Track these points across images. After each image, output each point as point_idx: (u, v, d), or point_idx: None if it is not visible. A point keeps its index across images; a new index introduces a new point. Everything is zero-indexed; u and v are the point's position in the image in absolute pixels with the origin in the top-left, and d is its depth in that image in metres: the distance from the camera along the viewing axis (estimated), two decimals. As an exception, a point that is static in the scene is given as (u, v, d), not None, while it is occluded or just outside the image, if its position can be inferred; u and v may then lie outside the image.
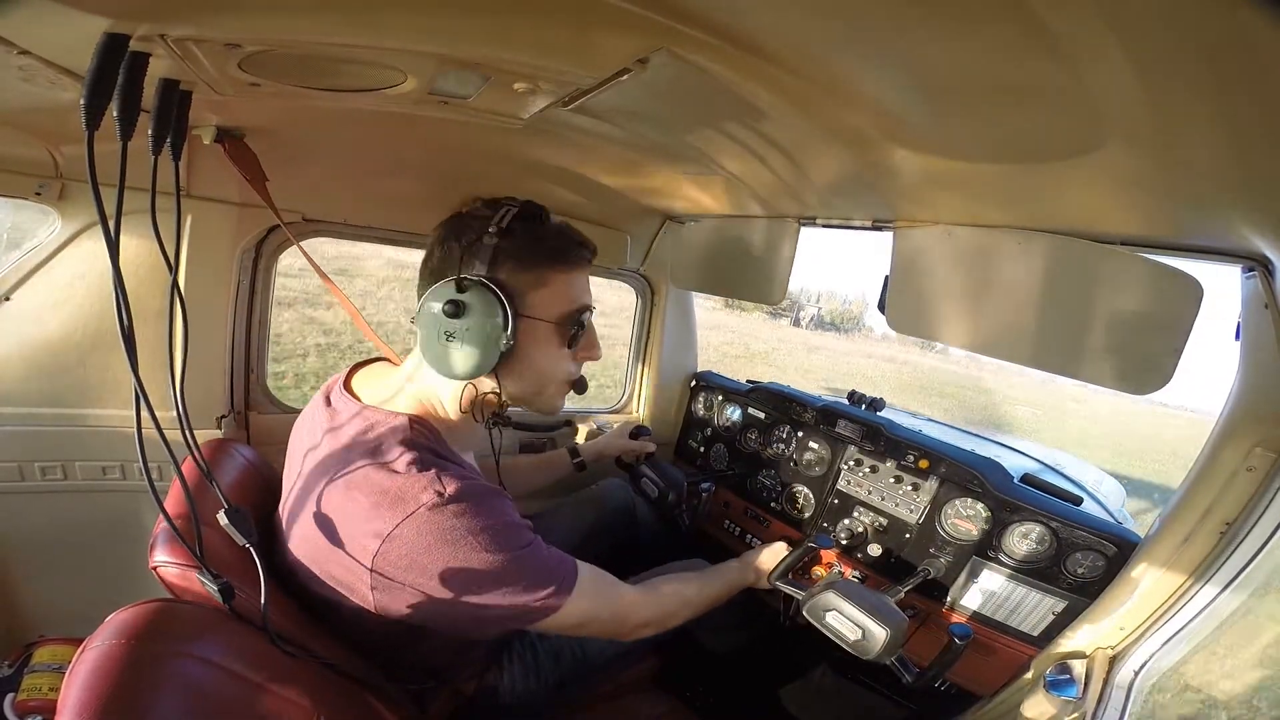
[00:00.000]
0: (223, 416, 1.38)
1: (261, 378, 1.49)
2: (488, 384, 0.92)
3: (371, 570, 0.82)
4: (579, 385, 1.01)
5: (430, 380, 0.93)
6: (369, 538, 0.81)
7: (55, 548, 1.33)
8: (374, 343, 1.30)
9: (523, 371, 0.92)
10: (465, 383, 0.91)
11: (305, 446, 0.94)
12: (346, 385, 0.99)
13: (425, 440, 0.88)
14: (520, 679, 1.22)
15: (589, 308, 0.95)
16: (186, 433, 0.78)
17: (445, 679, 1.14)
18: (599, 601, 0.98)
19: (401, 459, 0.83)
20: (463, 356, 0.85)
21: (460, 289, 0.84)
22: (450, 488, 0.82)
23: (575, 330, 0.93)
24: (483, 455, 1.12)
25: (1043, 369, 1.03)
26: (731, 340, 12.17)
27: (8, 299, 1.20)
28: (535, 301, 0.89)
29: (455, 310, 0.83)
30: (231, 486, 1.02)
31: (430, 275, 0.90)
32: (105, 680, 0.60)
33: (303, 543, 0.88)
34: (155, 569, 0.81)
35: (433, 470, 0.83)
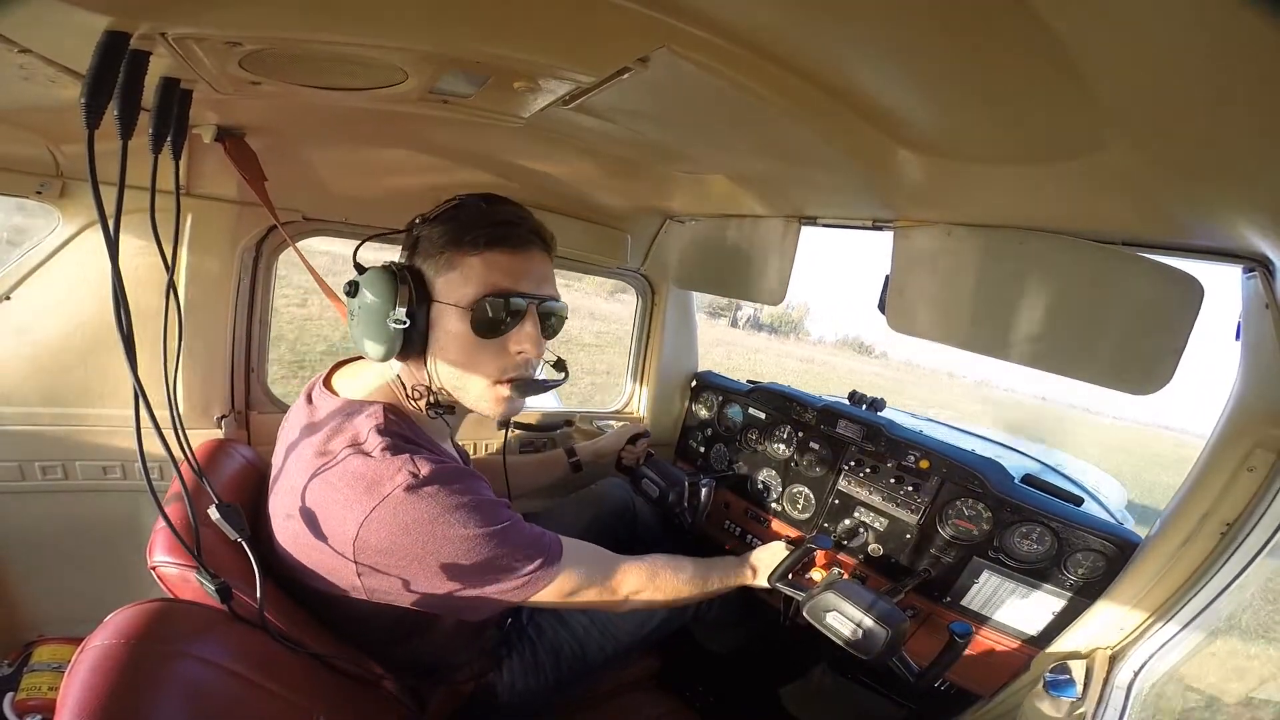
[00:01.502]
0: (223, 416, 1.38)
1: (262, 377, 1.49)
2: (420, 372, 0.93)
3: (355, 556, 0.83)
4: (523, 386, 0.92)
5: (393, 369, 0.95)
6: (348, 524, 0.82)
7: (55, 547, 1.33)
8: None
9: (443, 361, 0.91)
10: (401, 367, 0.93)
11: (287, 443, 0.95)
12: (326, 383, 1.00)
13: (398, 427, 0.90)
14: (520, 677, 1.22)
15: (511, 293, 0.86)
16: (180, 433, 0.78)
17: (444, 676, 1.14)
18: (589, 568, 1.00)
19: (376, 445, 0.85)
20: (361, 334, 0.88)
21: (360, 271, 0.88)
22: (424, 469, 0.83)
23: (494, 318, 0.87)
24: (493, 451, 1.12)
25: (1043, 369, 1.03)
26: (613, 329, 11.65)
27: (8, 298, 1.20)
28: (443, 286, 0.87)
29: (350, 290, 0.88)
30: (230, 486, 1.02)
31: None
32: (105, 679, 0.60)
33: (289, 537, 0.89)
34: (154, 569, 0.81)
35: (406, 454, 0.84)
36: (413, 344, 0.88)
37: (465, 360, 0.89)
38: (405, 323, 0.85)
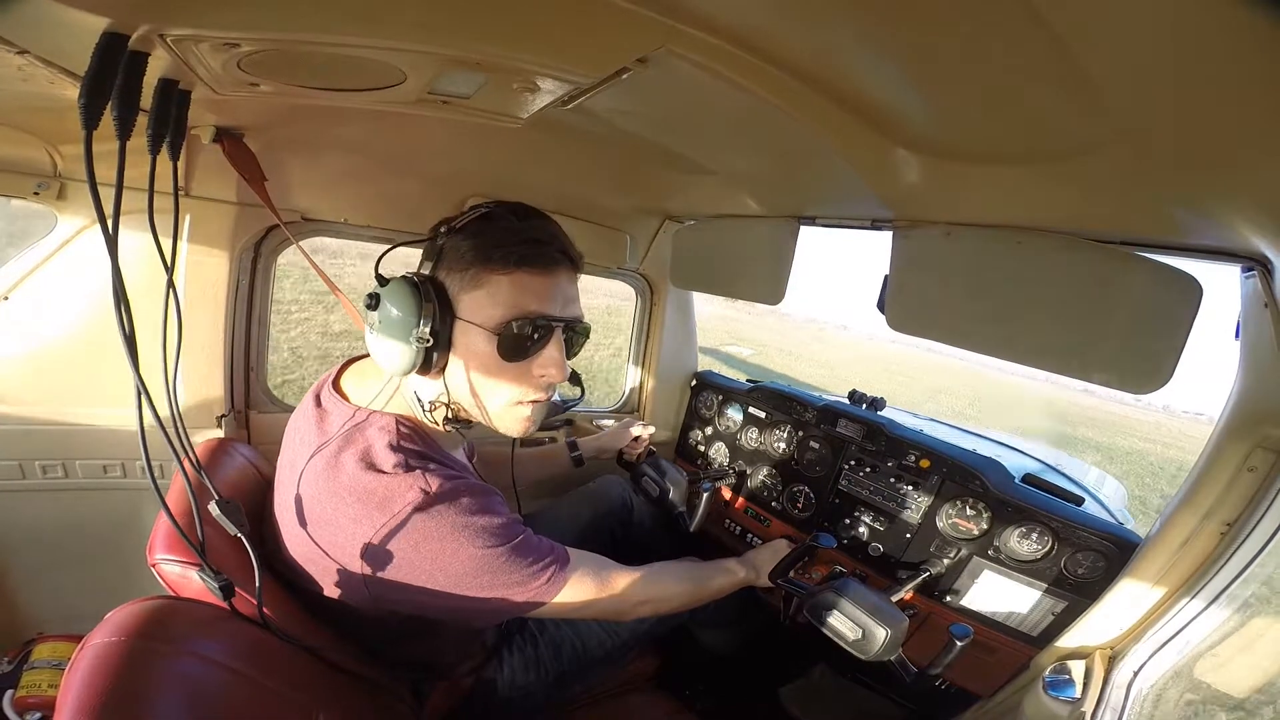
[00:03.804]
0: (223, 415, 1.39)
1: (261, 377, 1.49)
2: (435, 388, 0.89)
3: (364, 569, 0.83)
4: (543, 408, 0.93)
5: (410, 381, 0.93)
6: (358, 538, 0.82)
7: (55, 545, 1.33)
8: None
9: (462, 379, 0.88)
10: (419, 381, 0.90)
11: (295, 448, 0.94)
12: (336, 384, 0.99)
13: (411, 440, 0.89)
14: (520, 672, 1.22)
15: (539, 316, 0.84)
16: (179, 430, 0.78)
17: (444, 673, 1.15)
18: (597, 582, 1.00)
19: (388, 459, 0.84)
20: (381, 348, 0.84)
21: (382, 283, 0.84)
22: (436, 486, 0.82)
23: (520, 342, 0.84)
24: (495, 443, 1.16)
25: (1042, 368, 1.03)
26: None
27: (7, 299, 1.20)
28: (469, 304, 0.84)
29: (371, 302, 0.84)
30: (230, 484, 1.02)
31: None
32: (105, 677, 0.60)
33: (297, 545, 0.88)
34: (155, 566, 0.81)
35: (418, 470, 0.83)
36: (433, 360, 0.84)
37: (487, 381, 0.87)
38: (429, 341, 0.82)
